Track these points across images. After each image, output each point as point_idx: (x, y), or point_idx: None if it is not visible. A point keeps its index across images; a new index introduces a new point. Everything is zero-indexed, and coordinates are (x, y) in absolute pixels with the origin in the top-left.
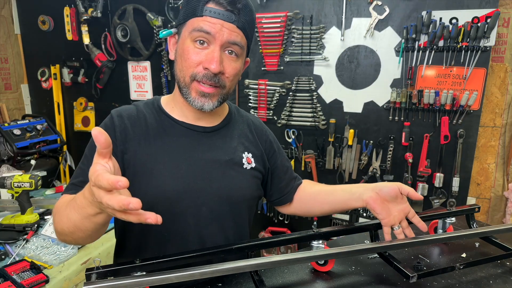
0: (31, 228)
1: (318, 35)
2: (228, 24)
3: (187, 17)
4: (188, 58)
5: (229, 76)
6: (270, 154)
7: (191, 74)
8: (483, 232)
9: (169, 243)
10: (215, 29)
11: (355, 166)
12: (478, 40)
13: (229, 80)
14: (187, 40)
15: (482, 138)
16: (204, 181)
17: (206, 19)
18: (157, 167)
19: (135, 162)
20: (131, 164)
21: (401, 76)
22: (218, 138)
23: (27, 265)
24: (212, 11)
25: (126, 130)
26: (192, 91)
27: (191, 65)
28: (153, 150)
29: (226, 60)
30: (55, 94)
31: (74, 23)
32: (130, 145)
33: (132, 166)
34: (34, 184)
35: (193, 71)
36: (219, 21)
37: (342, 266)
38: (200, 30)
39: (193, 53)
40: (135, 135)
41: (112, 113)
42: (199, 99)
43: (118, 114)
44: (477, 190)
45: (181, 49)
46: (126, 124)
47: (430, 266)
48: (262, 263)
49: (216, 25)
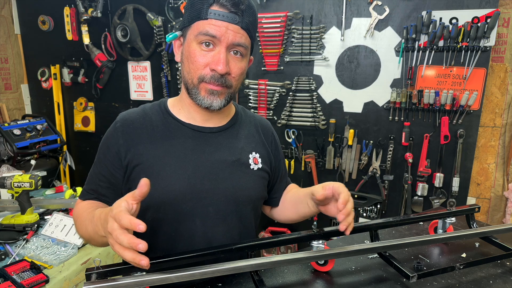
0: (31, 228)
1: (318, 35)
2: (232, 25)
3: (192, 20)
4: (195, 60)
5: (235, 76)
6: (275, 155)
7: (199, 76)
8: (483, 232)
9: (176, 243)
10: (221, 32)
11: (355, 166)
12: (478, 40)
13: (235, 80)
14: (193, 43)
15: (482, 138)
16: (210, 182)
17: (211, 22)
18: (164, 169)
19: (142, 165)
20: (138, 167)
21: (401, 76)
22: (224, 138)
23: (27, 265)
24: (216, 14)
25: (132, 134)
26: (201, 90)
27: (198, 67)
28: (160, 152)
29: (231, 60)
30: (55, 94)
31: (74, 23)
32: (136, 148)
33: (139, 169)
34: (34, 184)
35: (201, 73)
36: (224, 23)
37: (342, 266)
38: (206, 34)
39: (199, 55)
40: (141, 138)
41: (117, 119)
42: (208, 97)
43: (123, 119)
44: (477, 190)
45: (187, 52)
46: (132, 128)
47: (430, 266)
48: (262, 263)
49: (221, 27)
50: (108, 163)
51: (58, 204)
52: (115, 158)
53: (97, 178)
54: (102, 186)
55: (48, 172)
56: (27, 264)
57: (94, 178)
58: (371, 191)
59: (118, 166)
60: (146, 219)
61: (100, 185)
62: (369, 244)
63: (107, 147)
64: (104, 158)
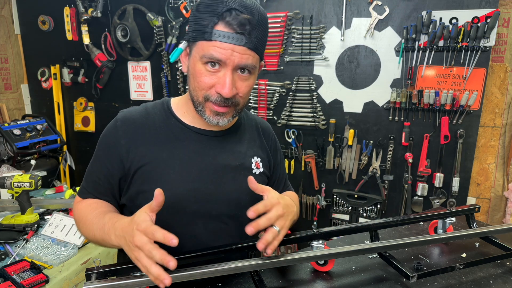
0: (31, 228)
1: (318, 35)
2: (239, 47)
3: (196, 37)
4: (201, 81)
5: (242, 95)
6: (274, 158)
7: (204, 96)
8: (483, 232)
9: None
10: (226, 55)
11: (355, 166)
12: (478, 40)
13: (242, 98)
14: (198, 63)
15: (482, 138)
16: (214, 186)
17: (215, 44)
18: (168, 171)
19: (145, 167)
20: (141, 168)
21: (401, 76)
22: (228, 142)
23: (27, 265)
24: (221, 35)
25: (134, 134)
26: (207, 110)
27: (204, 87)
28: (164, 155)
29: (238, 80)
30: (55, 94)
31: (74, 23)
32: (139, 149)
33: (142, 171)
34: (34, 184)
35: (206, 93)
36: (230, 45)
37: (342, 266)
38: (211, 58)
39: (205, 75)
40: (143, 139)
41: (118, 117)
42: (214, 118)
43: (124, 118)
44: (477, 190)
45: (192, 69)
46: (134, 128)
47: (430, 266)
48: (262, 263)
49: (227, 50)
50: (108, 163)
51: (58, 204)
52: (116, 158)
53: (96, 177)
54: (102, 185)
55: (48, 172)
56: (27, 264)
57: (94, 176)
58: (371, 191)
59: (119, 166)
60: None
61: (99, 184)
62: (369, 244)
63: (107, 145)
64: (104, 157)
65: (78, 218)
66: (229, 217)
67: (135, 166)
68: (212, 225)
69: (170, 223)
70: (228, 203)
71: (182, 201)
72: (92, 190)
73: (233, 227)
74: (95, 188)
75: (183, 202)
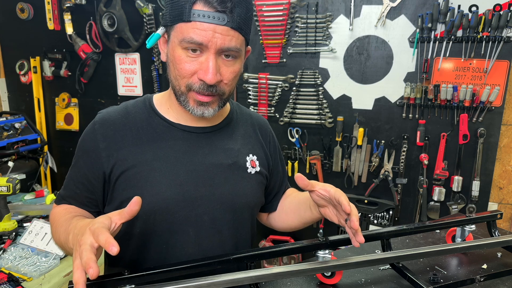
0: (8, 236)
1: (325, 24)
2: (220, 27)
3: (174, 20)
4: (181, 68)
5: (227, 82)
6: (273, 157)
7: (186, 84)
8: (506, 241)
9: (168, 256)
10: (207, 37)
11: (365, 169)
12: (500, 30)
13: (227, 85)
14: (177, 48)
15: (504, 138)
16: (205, 188)
17: (195, 25)
18: (153, 174)
19: (128, 172)
20: (124, 174)
21: (415, 70)
22: (219, 139)
23: (4, 277)
24: (201, 15)
25: (114, 137)
26: (190, 100)
27: (185, 75)
28: (148, 156)
29: (223, 65)
30: (35, 89)
31: (56, 11)
32: (120, 153)
33: (125, 176)
34: (12, 188)
35: (188, 81)
36: (210, 25)
37: (350, 278)
38: (191, 41)
39: (186, 62)
40: (124, 141)
41: (96, 120)
42: (198, 108)
43: (102, 120)
44: (499, 194)
45: (172, 56)
46: (113, 130)
47: (448, 278)
48: (263, 275)
49: (207, 31)
50: (86, 170)
51: (38, 210)
52: (94, 164)
53: (74, 185)
54: (80, 194)
55: (27, 175)
56: (4, 276)
57: (71, 184)
58: (383, 195)
59: (99, 173)
60: (135, 231)
61: (77, 193)
62: (381, 254)
63: (85, 151)
64: (83, 163)
65: (50, 223)
66: (222, 222)
67: (117, 172)
68: (204, 232)
69: (157, 231)
70: (221, 207)
71: (170, 207)
72: (70, 198)
73: (227, 235)
74: (73, 196)
75: (171, 208)
